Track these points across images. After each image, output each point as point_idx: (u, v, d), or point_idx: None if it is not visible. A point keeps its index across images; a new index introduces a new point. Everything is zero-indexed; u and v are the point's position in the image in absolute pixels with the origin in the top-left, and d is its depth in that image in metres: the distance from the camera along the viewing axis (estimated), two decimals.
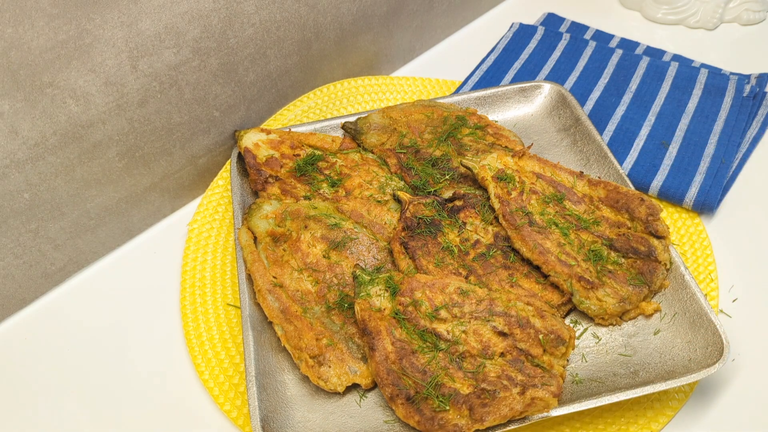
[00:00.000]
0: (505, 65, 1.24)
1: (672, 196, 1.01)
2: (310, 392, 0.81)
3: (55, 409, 0.85)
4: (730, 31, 1.33)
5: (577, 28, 1.34)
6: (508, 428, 0.73)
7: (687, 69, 1.18)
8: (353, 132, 1.07)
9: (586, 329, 0.86)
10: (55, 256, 0.95)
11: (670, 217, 1.01)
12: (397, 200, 0.97)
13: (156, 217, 1.05)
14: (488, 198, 0.93)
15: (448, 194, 0.96)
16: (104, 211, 0.97)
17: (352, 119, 1.09)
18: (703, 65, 1.22)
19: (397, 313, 0.80)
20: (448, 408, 0.73)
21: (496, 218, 0.92)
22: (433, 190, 0.97)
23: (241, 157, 1.05)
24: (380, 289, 0.82)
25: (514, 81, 1.21)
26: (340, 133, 1.09)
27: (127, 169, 0.97)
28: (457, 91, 1.20)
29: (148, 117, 0.95)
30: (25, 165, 0.85)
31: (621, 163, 1.05)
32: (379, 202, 0.97)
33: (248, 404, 0.77)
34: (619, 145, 1.08)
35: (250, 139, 1.03)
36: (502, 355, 0.78)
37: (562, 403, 0.75)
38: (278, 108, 1.14)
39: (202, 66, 0.97)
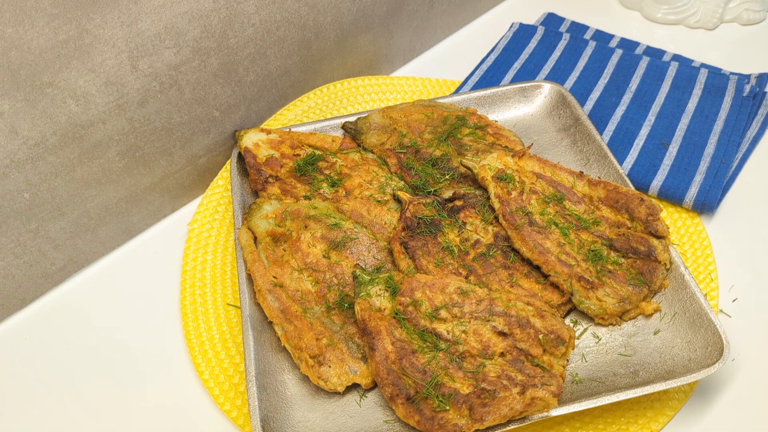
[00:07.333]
0: (505, 65, 1.24)
1: (672, 196, 1.01)
2: (310, 392, 0.81)
3: (55, 409, 0.85)
4: (730, 31, 1.33)
5: (577, 28, 1.34)
6: (508, 428, 0.73)
7: (687, 69, 1.18)
8: (353, 132, 1.07)
9: (586, 329, 0.86)
10: (55, 256, 0.95)
11: (670, 217, 1.01)
12: (397, 200, 0.97)
13: (156, 217, 1.05)
14: (488, 198, 0.93)
15: (448, 194, 0.96)
16: (104, 211, 0.97)
17: (352, 119, 1.09)
18: (703, 65, 1.22)
19: (397, 313, 0.80)
20: (448, 408, 0.73)
21: (496, 218, 0.92)
22: (433, 190, 0.97)
23: (241, 157, 1.05)
24: (380, 289, 0.82)
25: (514, 81, 1.21)
26: (340, 133, 1.09)
27: (127, 169, 0.97)
28: (457, 91, 1.20)
29: (148, 117, 0.95)
30: (25, 165, 0.85)
31: (621, 163, 1.05)
32: (379, 202, 0.97)
33: (248, 404, 0.77)
34: (619, 145, 1.08)
35: (250, 139, 1.03)
36: (502, 355, 0.78)
37: (562, 403, 0.75)
38: (278, 108, 1.14)
39: (202, 66, 0.97)
